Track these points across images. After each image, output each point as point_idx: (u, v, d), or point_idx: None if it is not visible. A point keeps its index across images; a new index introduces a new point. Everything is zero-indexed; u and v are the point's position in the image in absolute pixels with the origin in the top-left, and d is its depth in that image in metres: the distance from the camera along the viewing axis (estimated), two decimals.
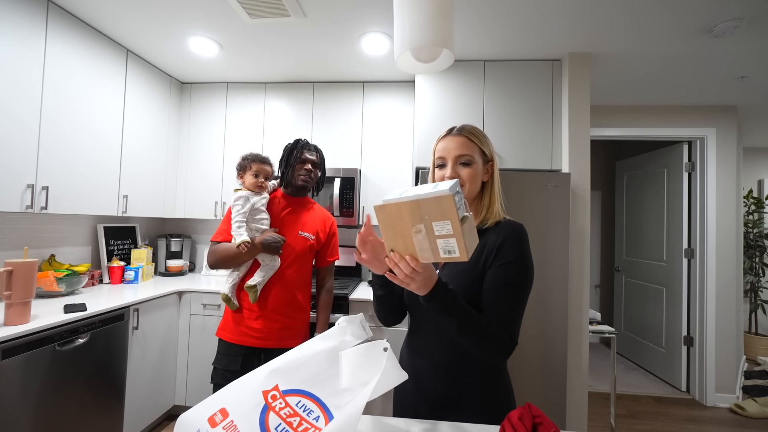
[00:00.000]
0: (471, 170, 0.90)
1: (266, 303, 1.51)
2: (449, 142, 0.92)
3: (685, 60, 2.24)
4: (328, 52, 2.30)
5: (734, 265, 2.95)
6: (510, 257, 0.86)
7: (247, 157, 1.55)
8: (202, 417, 0.60)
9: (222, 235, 1.53)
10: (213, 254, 1.50)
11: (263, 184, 1.54)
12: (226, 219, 1.54)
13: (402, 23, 0.91)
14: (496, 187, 0.95)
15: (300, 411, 0.61)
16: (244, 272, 1.53)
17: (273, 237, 1.45)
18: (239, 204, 1.48)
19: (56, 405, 1.56)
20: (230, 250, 1.45)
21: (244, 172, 1.54)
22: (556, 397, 1.95)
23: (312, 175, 1.59)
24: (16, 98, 1.67)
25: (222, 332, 1.54)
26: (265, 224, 1.52)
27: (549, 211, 2.02)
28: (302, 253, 1.57)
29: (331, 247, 1.71)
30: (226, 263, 1.49)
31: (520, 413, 0.64)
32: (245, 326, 1.50)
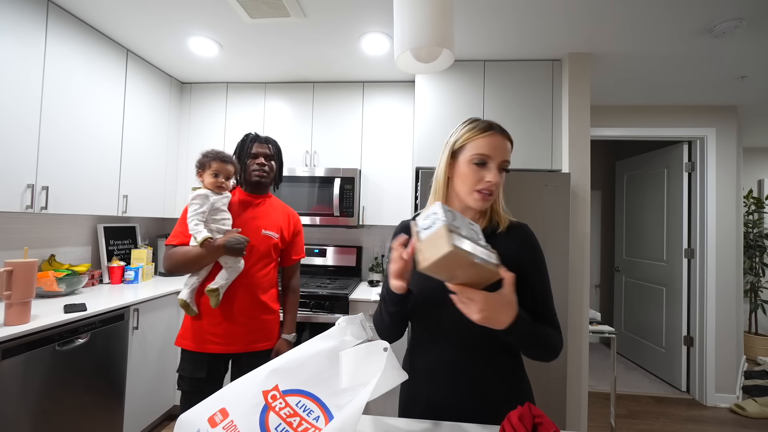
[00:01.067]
0: (504, 177, 0.87)
1: (230, 307, 1.41)
2: (498, 142, 0.84)
3: (685, 60, 2.24)
4: (328, 52, 2.30)
5: (734, 265, 2.95)
6: (538, 257, 0.88)
7: (208, 154, 1.43)
8: (202, 417, 0.60)
9: (178, 237, 1.40)
10: (170, 258, 1.37)
11: (223, 185, 1.42)
12: (182, 221, 1.41)
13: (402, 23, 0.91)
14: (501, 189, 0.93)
15: (300, 411, 0.61)
16: (205, 276, 1.41)
17: (236, 238, 1.35)
18: (197, 203, 1.36)
19: (56, 405, 1.56)
20: (191, 252, 1.33)
21: (204, 171, 1.42)
22: (556, 397, 1.95)
23: (266, 168, 1.50)
24: (16, 98, 1.67)
25: (182, 341, 1.43)
26: (227, 224, 1.42)
27: (549, 211, 2.02)
28: (266, 253, 1.49)
29: (297, 245, 1.62)
30: (185, 267, 1.36)
31: (520, 413, 0.64)
32: (207, 333, 1.40)
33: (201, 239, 1.31)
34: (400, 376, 0.64)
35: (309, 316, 2.22)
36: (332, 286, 2.42)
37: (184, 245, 1.38)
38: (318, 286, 2.40)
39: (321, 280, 2.63)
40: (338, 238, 2.95)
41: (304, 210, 2.57)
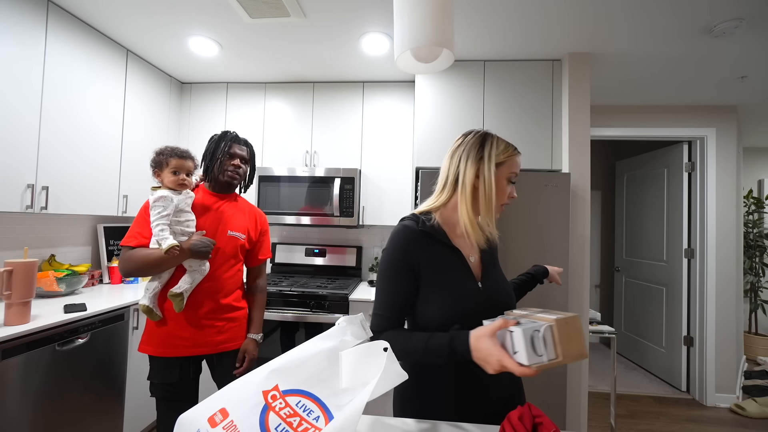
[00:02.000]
0: None
1: (195, 311, 1.35)
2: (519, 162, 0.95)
3: (685, 60, 2.24)
4: (328, 52, 2.30)
5: (734, 265, 2.95)
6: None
7: (163, 151, 1.33)
8: (201, 417, 0.60)
9: (136, 238, 1.30)
10: (129, 261, 1.27)
11: (185, 182, 1.34)
12: (140, 220, 1.33)
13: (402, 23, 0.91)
14: None
15: (300, 411, 0.61)
16: (167, 279, 1.34)
17: (202, 241, 1.30)
18: (160, 206, 1.27)
19: (56, 405, 1.56)
20: (152, 256, 1.25)
21: (161, 169, 1.33)
22: (556, 397, 1.95)
23: (240, 171, 1.46)
24: (16, 98, 1.67)
25: (146, 347, 1.36)
26: (191, 226, 1.34)
27: (549, 211, 2.02)
28: (232, 254, 1.44)
29: (263, 244, 1.58)
30: (145, 270, 1.28)
31: (521, 413, 0.64)
32: (174, 337, 1.34)
33: (167, 247, 1.23)
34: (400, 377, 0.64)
35: (309, 316, 2.22)
36: (332, 286, 2.42)
37: (143, 247, 1.29)
38: (318, 286, 2.39)
39: (321, 280, 2.63)
40: (338, 238, 2.95)
41: (304, 210, 2.57)
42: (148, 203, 1.32)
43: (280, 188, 2.60)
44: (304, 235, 2.99)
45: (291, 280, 2.56)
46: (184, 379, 1.37)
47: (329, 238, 2.97)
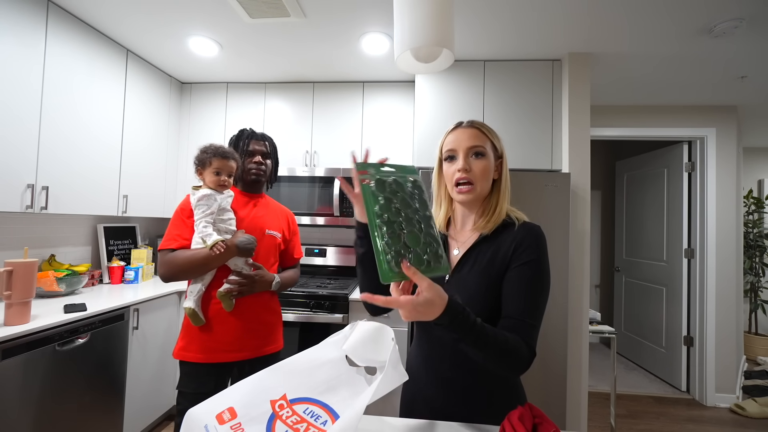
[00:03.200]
0: (485, 162, 0.85)
1: (240, 310, 1.34)
2: (460, 133, 0.87)
3: (685, 60, 2.24)
4: (328, 52, 2.30)
5: (734, 265, 2.95)
6: (528, 257, 0.80)
7: (207, 150, 1.32)
8: (210, 413, 0.60)
9: (176, 240, 1.29)
10: (171, 264, 1.25)
11: (225, 183, 1.33)
12: (177, 222, 1.32)
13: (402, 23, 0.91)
14: (504, 185, 0.89)
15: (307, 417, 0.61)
16: (209, 280, 1.32)
17: (247, 238, 1.29)
18: (204, 204, 1.28)
19: (56, 405, 1.56)
20: (197, 255, 1.24)
21: (204, 168, 1.33)
22: (556, 397, 1.95)
23: (263, 167, 1.45)
24: (16, 98, 1.67)
25: (185, 353, 1.31)
26: (232, 225, 1.34)
27: (549, 211, 2.02)
28: (272, 253, 1.45)
29: (296, 244, 1.60)
30: (189, 272, 1.26)
31: (520, 413, 0.64)
32: (216, 341, 1.31)
33: (212, 243, 1.23)
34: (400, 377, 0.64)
35: (309, 316, 2.22)
36: (332, 286, 2.42)
37: (184, 248, 1.28)
38: (318, 286, 2.39)
39: (321, 280, 2.63)
40: (338, 238, 2.95)
41: (304, 210, 2.57)
42: (182, 205, 1.33)
43: (280, 188, 2.60)
44: (304, 235, 2.99)
45: None
46: (218, 388, 1.29)
47: (329, 238, 2.97)
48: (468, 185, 0.85)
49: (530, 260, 0.80)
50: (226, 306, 1.30)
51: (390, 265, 0.61)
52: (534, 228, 0.85)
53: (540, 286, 0.80)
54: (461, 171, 0.85)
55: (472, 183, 0.85)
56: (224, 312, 1.32)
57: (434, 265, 0.65)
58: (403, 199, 0.67)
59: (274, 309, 1.47)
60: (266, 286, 1.37)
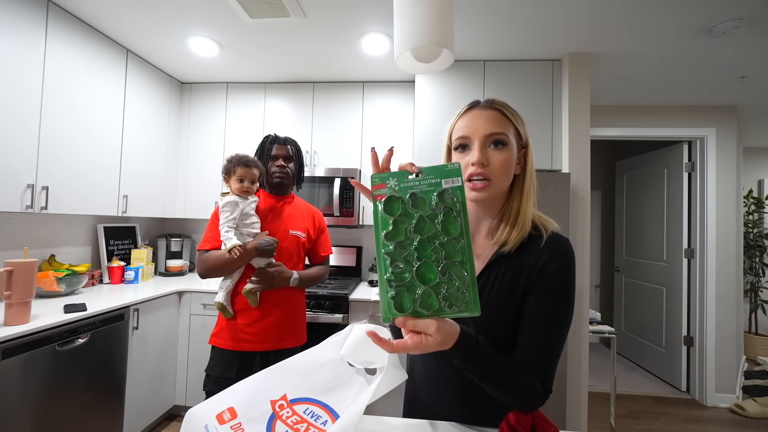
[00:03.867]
0: (506, 154, 0.70)
1: (263, 306, 1.47)
2: (476, 117, 0.71)
3: (685, 60, 2.24)
4: (328, 52, 2.30)
5: (734, 265, 2.95)
6: (554, 282, 0.68)
7: (232, 159, 1.45)
8: (210, 412, 0.60)
9: (210, 242, 1.44)
10: (203, 263, 1.42)
11: (249, 189, 1.45)
12: (212, 225, 1.46)
13: (402, 23, 0.91)
14: (528, 184, 0.73)
15: (308, 417, 0.62)
16: (238, 278, 1.47)
17: (266, 240, 1.39)
18: (227, 210, 1.40)
19: (56, 405, 1.56)
20: (222, 257, 1.38)
21: (230, 176, 1.45)
22: (556, 397, 1.95)
23: (286, 170, 1.54)
24: (17, 98, 1.67)
25: (216, 339, 1.48)
26: (256, 228, 1.46)
27: (549, 211, 1.99)
28: (295, 252, 1.54)
29: (322, 242, 1.68)
30: (218, 271, 1.42)
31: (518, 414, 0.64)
32: (242, 332, 1.45)
33: (230, 246, 1.35)
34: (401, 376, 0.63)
35: (309, 316, 2.21)
36: (332, 286, 2.43)
37: (216, 249, 1.42)
38: (318, 286, 2.39)
39: None
40: (338, 238, 2.95)
41: None
42: (215, 210, 1.45)
43: None
44: None
45: None
46: (240, 375, 1.39)
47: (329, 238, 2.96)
48: (483, 181, 0.69)
49: (557, 286, 0.68)
50: (251, 302, 1.43)
51: (391, 305, 0.52)
52: (564, 244, 0.71)
53: (563, 316, 0.69)
54: (476, 165, 0.69)
55: (489, 179, 0.69)
56: (250, 306, 1.44)
57: (454, 309, 0.53)
58: (422, 220, 0.54)
59: (299, 305, 1.57)
60: (284, 282, 1.46)
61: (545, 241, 0.70)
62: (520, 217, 0.72)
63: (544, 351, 0.67)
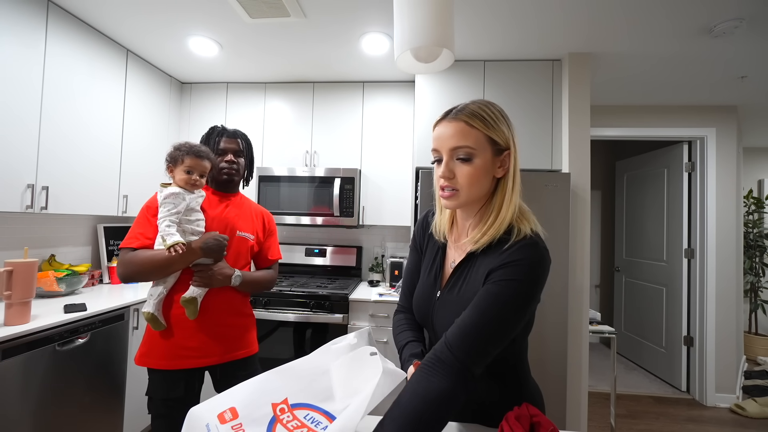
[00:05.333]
0: (471, 168, 0.71)
1: (204, 316, 1.26)
2: (443, 130, 0.73)
3: (685, 60, 2.24)
4: (328, 52, 2.30)
5: (734, 265, 2.95)
6: (500, 278, 0.68)
7: (181, 147, 1.26)
8: (212, 412, 0.60)
9: (138, 239, 1.20)
10: (130, 264, 1.16)
11: (197, 183, 1.26)
12: (143, 220, 1.24)
13: (402, 23, 0.91)
14: (510, 186, 0.74)
15: (308, 423, 0.62)
16: (173, 283, 1.24)
17: (215, 239, 1.21)
18: (170, 203, 1.20)
19: (56, 405, 1.56)
20: (158, 256, 1.16)
21: (175, 166, 1.26)
22: (556, 396, 1.95)
23: (235, 166, 1.38)
24: (17, 98, 1.68)
25: (146, 359, 1.24)
26: (200, 226, 1.26)
27: (549, 211, 2.02)
28: (242, 255, 1.36)
29: (271, 245, 1.49)
30: (150, 274, 1.18)
31: (518, 413, 0.64)
32: (179, 347, 1.23)
33: (171, 243, 1.14)
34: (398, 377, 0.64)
35: (309, 316, 2.22)
36: (332, 286, 2.43)
37: (146, 248, 1.20)
38: (318, 286, 2.40)
39: (321, 280, 2.64)
40: (338, 238, 2.95)
41: (304, 210, 2.57)
42: (151, 201, 1.26)
43: (280, 188, 2.60)
44: (304, 235, 2.99)
45: (291, 280, 2.56)
46: (189, 393, 1.25)
47: (329, 238, 2.97)
48: (452, 190, 0.73)
49: (506, 279, 0.67)
50: (189, 313, 1.22)
51: None
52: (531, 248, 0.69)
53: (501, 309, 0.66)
54: (443, 177, 0.73)
55: (456, 189, 0.73)
56: (187, 317, 1.24)
57: None
58: None
59: (244, 311, 1.38)
60: (225, 280, 1.26)
61: (508, 245, 0.71)
62: (498, 219, 0.73)
63: (468, 331, 0.65)
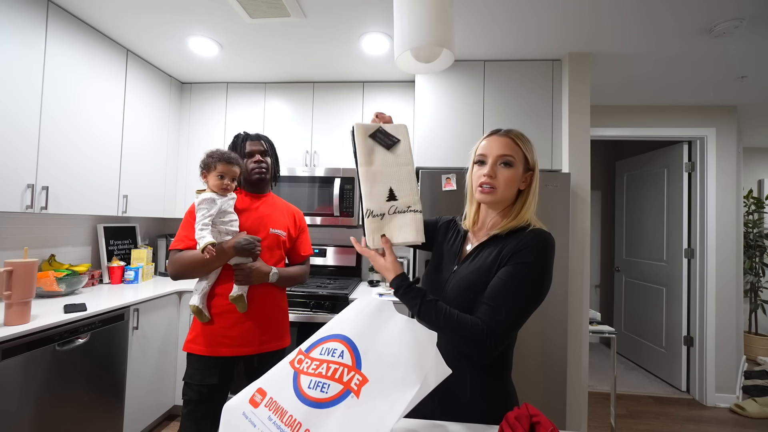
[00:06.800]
0: (510, 172, 0.89)
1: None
2: (494, 141, 0.91)
3: (685, 60, 2.24)
4: (328, 52, 2.30)
5: (734, 265, 2.95)
6: (524, 258, 0.83)
7: (213, 155, 1.37)
8: (244, 401, 0.63)
9: (183, 241, 1.35)
10: (176, 263, 1.33)
11: (228, 187, 1.37)
12: (186, 224, 1.37)
13: (402, 23, 0.91)
14: (531, 197, 0.92)
15: (325, 356, 0.63)
16: (215, 279, 1.38)
17: (246, 239, 1.31)
18: (204, 208, 1.31)
19: (56, 405, 1.56)
20: (196, 257, 1.29)
21: (209, 172, 1.37)
22: (556, 396, 1.95)
23: (264, 165, 1.48)
24: (16, 98, 1.67)
25: (192, 346, 1.37)
26: (234, 226, 1.37)
27: (549, 211, 2.02)
28: (276, 252, 1.47)
29: (303, 241, 1.62)
30: (193, 272, 1.33)
31: (518, 413, 0.64)
32: (220, 336, 1.35)
33: (202, 245, 1.25)
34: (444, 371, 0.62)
35: (309, 316, 2.22)
36: (332, 286, 2.43)
37: (191, 249, 1.33)
38: (318, 286, 2.40)
39: (321, 280, 2.64)
40: (338, 238, 2.95)
41: (304, 210, 2.56)
42: (193, 207, 1.36)
43: (280, 188, 2.60)
44: None
45: None
46: (222, 381, 1.35)
47: (329, 238, 2.97)
48: (491, 188, 0.89)
49: (524, 262, 0.83)
50: (240, 308, 1.35)
51: None
52: (542, 234, 0.86)
53: (524, 287, 0.82)
54: (486, 176, 0.89)
55: (495, 188, 0.89)
56: (228, 308, 1.36)
57: None
58: None
59: (281, 306, 1.49)
60: (263, 277, 1.38)
61: (527, 231, 0.88)
62: (519, 216, 0.91)
63: (496, 306, 0.81)
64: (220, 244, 1.30)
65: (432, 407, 0.86)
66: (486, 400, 0.85)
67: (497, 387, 0.87)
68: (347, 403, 0.56)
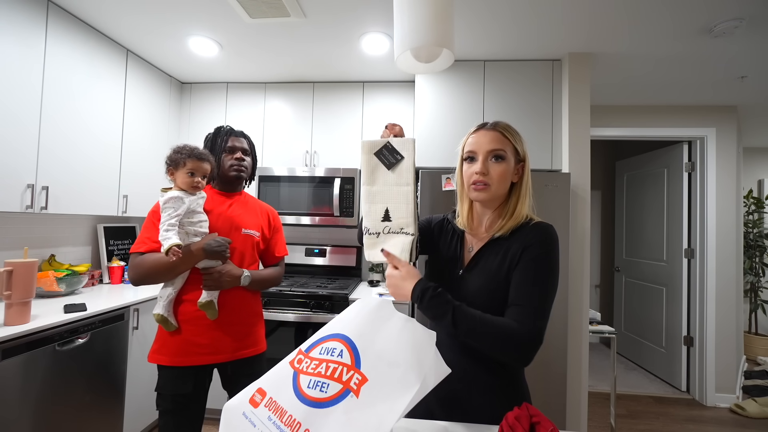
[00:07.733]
0: (503, 167, 0.87)
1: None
2: (482, 136, 0.89)
3: (685, 60, 2.24)
4: (328, 52, 2.30)
5: (734, 265, 2.95)
6: (536, 253, 0.83)
7: (182, 150, 1.26)
8: (243, 401, 0.63)
9: (146, 244, 1.22)
10: (137, 268, 1.20)
11: (199, 185, 1.27)
12: (149, 225, 1.25)
13: (402, 23, 0.91)
14: (524, 189, 0.91)
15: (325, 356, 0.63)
16: (181, 285, 1.27)
17: (216, 240, 1.22)
18: (170, 207, 1.20)
19: (56, 405, 1.56)
20: (163, 259, 1.17)
21: (176, 169, 1.26)
22: (556, 396, 1.95)
23: (244, 164, 1.40)
24: (16, 98, 1.68)
25: (158, 356, 1.26)
26: (204, 227, 1.27)
27: (549, 211, 2.02)
28: (248, 253, 1.38)
29: (278, 242, 1.51)
30: (157, 277, 1.21)
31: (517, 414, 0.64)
32: (190, 344, 1.25)
33: (167, 247, 1.13)
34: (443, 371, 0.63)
35: (309, 316, 2.22)
36: (332, 286, 2.43)
37: (154, 252, 1.21)
38: (318, 286, 2.40)
39: (321, 280, 2.64)
40: (338, 238, 2.95)
41: (304, 210, 2.57)
42: (157, 206, 1.26)
43: (280, 188, 2.60)
44: (304, 235, 2.99)
45: (291, 280, 2.56)
46: (197, 389, 1.28)
47: (329, 238, 2.97)
48: (484, 185, 0.87)
49: (537, 256, 0.82)
50: (210, 315, 1.25)
51: None
52: (545, 227, 0.86)
53: (546, 279, 0.81)
54: (478, 173, 0.87)
55: (488, 184, 0.87)
56: (196, 314, 1.26)
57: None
58: None
59: (254, 310, 1.40)
60: (234, 281, 1.29)
61: (530, 226, 0.88)
62: (516, 213, 0.89)
63: (530, 300, 0.79)
64: (187, 246, 1.20)
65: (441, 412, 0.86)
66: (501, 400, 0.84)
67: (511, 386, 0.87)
68: (347, 403, 0.56)
